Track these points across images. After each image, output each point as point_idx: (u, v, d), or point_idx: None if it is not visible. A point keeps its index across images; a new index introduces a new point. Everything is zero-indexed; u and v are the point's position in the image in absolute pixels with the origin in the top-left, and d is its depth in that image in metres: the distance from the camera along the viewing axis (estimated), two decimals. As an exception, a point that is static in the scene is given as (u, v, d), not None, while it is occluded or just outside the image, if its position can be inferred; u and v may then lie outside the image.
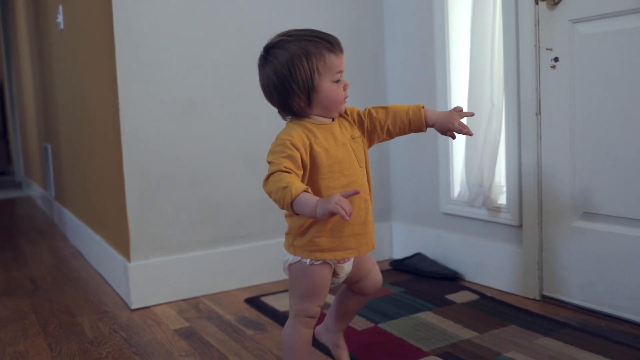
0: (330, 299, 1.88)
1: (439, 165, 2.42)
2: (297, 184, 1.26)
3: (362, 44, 2.60)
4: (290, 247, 1.44)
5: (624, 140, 1.80)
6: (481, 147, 2.16)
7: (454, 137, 1.51)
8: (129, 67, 2.16)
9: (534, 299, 2.09)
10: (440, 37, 2.37)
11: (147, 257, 2.22)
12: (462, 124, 1.47)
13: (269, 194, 1.31)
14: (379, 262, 2.22)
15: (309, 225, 1.39)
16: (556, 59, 1.96)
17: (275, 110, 2.40)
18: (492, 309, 2.01)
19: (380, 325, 1.90)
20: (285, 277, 2.43)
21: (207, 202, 2.32)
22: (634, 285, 1.81)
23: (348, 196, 1.24)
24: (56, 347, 1.89)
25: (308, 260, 1.41)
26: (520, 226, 2.12)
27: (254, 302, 2.20)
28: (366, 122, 1.49)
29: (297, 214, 1.29)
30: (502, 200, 2.21)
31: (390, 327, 1.87)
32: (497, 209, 2.21)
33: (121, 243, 2.31)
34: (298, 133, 1.37)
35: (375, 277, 1.58)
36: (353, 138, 1.45)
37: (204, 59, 2.28)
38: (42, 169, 4.58)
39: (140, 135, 2.19)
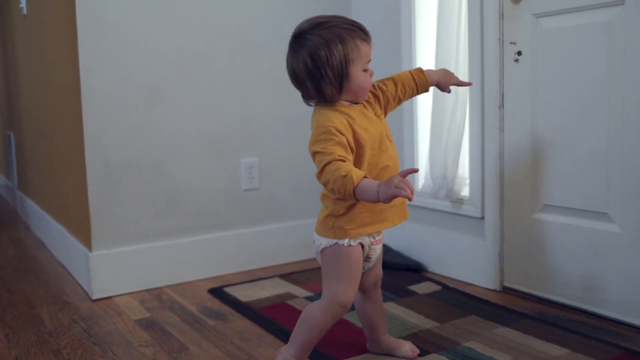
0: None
1: (404, 157, 2.43)
2: (356, 172, 1.28)
3: (330, 35, 2.59)
4: (330, 230, 1.44)
5: (583, 134, 1.83)
6: (445, 140, 2.18)
7: (449, 91, 1.64)
8: (92, 54, 2.12)
9: (495, 290, 2.12)
10: (406, 29, 2.38)
11: (108, 247, 2.20)
12: (460, 83, 1.62)
13: (326, 184, 1.33)
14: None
15: (354, 203, 1.40)
16: (519, 53, 1.98)
17: (239, 99, 2.41)
18: (454, 299, 2.03)
19: (343, 316, 1.90)
20: (250, 267, 2.45)
21: (170, 191, 2.30)
22: (590, 277, 1.84)
23: (406, 174, 1.26)
24: (13, 337, 1.86)
25: (346, 241, 1.42)
26: (483, 218, 2.15)
27: (217, 292, 2.19)
28: (381, 98, 1.52)
29: (358, 200, 1.33)
30: (466, 192, 2.23)
31: (352, 317, 1.88)
32: (460, 201, 2.23)
33: (82, 233, 2.28)
34: (338, 118, 1.38)
35: (379, 268, 1.59)
36: (377, 115, 1.48)
37: (168, 46, 2.26)
38: (5, 157, 4.49)
39: (103, 123, 2.16)
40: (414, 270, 2.35)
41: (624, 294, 1.76)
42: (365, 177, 1.28)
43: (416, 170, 1.32)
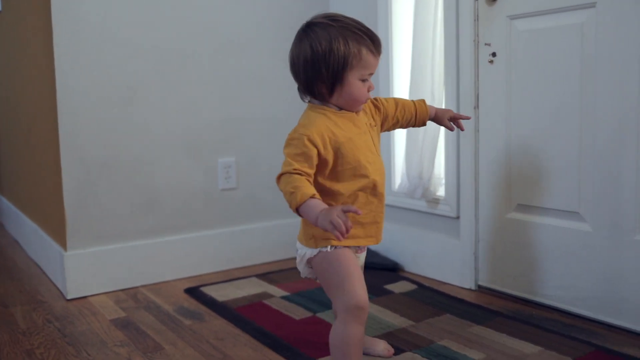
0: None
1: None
2: (304, 190, 1.24)
3: (308, 35, 2.59)
4: (311, 239, 1.39)
5: (556, 134, 1.85)
6: (421, 140, 2.19)
7: (452, 129, 1.60)
8: (68, 51, 2.11)
9: (470, 289, 2.13)
10: (383, 30, 2.39)
11: (84, 246, 2.18)
12: (449, 123, 1.59)
13: (281, 192, 1.30)
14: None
15: None
16: (494, 54, 2.00)
17: (218, 99, 2.40)
18: (429, 298, 2.04)
19: (318, 315, 1.91)
20: (228, 267, 2.45)
21: (147, 190, 2.29)
22: (563, 275, 1.87)
23: (348, 211, 1.20)
24: (-14, 337, 1.84)
25: (329, 247, 1.37)
26: (458, 218, 2.17)
27: (194, 292, 2.18)
28: (382, 110, 1.50)
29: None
30: (441, 192, 2.25)
31: (328, 316, 1.88)
32: (436, 201, 2.25)
33: (57, 231, 2.26)
34: (318, 127, 1.34)
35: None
36: (371, 126, 1.45)
37: (146, 45, 2.25)
38: (-20, 156, 4.42)
39: (79, 121, 2.14)
40: (390, 269, 2.37)
41: (596, 292, 1.79)
42: (313, 196, 1.23)
43: (358, 213, 1.21)
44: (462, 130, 1.62)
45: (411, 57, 2.22)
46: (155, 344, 1.76)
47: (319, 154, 1.32)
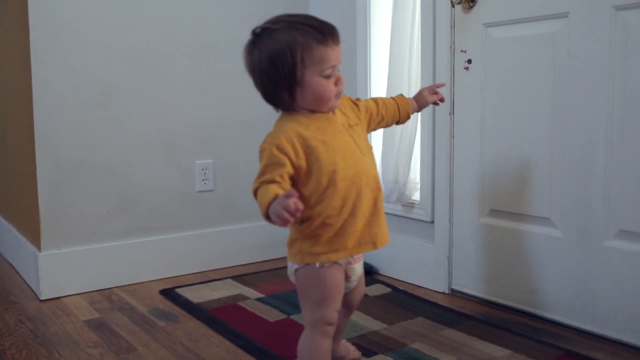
0: (243, 290, 1.87)
1: (358, 161, 2.46)
2: (267, 198, 1.19)
3: (287, 39, 2.61)
4: (297, 255, 1.32)
5: (528, 141, 1.88)
6: (397, 145, 2.21)
7: (442, 98, 1.59)
8: (43, 51, 2.10)
9: (444, 293, 2.16)
10: (362, 35, 2.41)
11: (58, 246, 2.17)
12: (433, 95, 1.57)
13: None
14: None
15: (317, 226, 1.29)
16: (469, 61, 2.03)
17: (195, 100, 2.41)
18: (403, 301, 2.06)
19: (292, 317, 1.92)
20: (204, 269, 2.45)
21: (123, 191, 2.28)
22: (534, 280, 1.90)
23: (289, 196, 1.14)
24: (-44, 338, 1.82)
25: (318, 263, 1.30)
26: (433, 222, 2.19)
27: (169, 293, 2.18)
28: (362, 109, 1.43)
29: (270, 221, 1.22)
30: (417, 196, 2.27)
31: (302, 319, 1.89)
32: (411, 205, 2.27)
33: (31, 232, 2.25)
34: (286, 133, 1.26)
35: (363, 287, 1.52)
36: (350, 126, 1.36)
37: (123, 46, 2.24)
38: (-45, 154, 4.37)
39: (54, 121, 2.13)
40: (366, 272, 2.37)
41: (565, 297, 1.82)
42: (275, 198, 1.17)
43: (294, 195, 1.15)
44: (443, 101, 1.60)
45: (389, 62, 2.24)
46: (128, 345, 1.76)
47: (291, 162, 1.25)
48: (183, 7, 2.36)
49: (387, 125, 1.54)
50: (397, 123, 1.55)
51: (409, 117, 1.56)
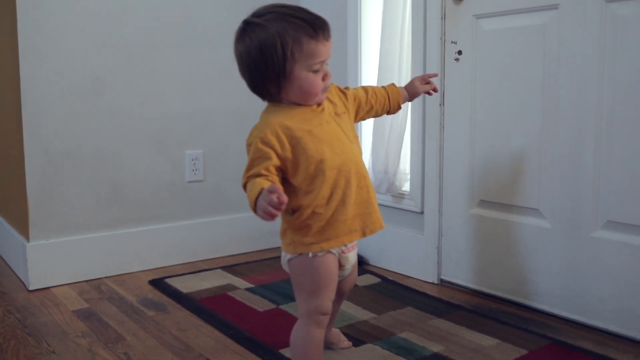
0: (233, 280, 1.87)
1: (349, 152, 2.46)
2: (253, 192, 1.19)
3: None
4: (290, 245, 1.32)
5: (518, 132, 1.89)
6: (387, 136, 2.22)
7: (435, 88, 1.58)
8: (32, 41, 2.08)
9: (433, 283, 2.17)
10: (353, 27, 2.41)
11: (47, 236, 2.16)
12: (425, 85, 1.56)
13: None
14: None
15: (308, 216, 1.29)
16: (460, 52, 2.03)
17: (185, 91, 2.40)
18: (392, 292, 2.07)
19: (282, 307, 1.92)
20: (193, 259, 2.45)
21: (113, 182, 2.27)
22: (522, 270, 1.91)
23: (275, 192, 1.14)
24: (-56, 327, 1.81)
25: (310, 252, 1.30)
26: (422, 212, 2.19)
27: (158, 283, 2.18)
28: (350, 98, 1.42)
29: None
30: (407, 187, 2.27)
31: (291, 308, 1.90)
32: (401, 196, 2.27)
33: (20, 222, 2.24)
34: (271, 125, 1.26)
35: (355, 275, 1.52)
36: (337, 114, 1.35)
37: (113, 36, 2.23)
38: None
39: (43, 112, 2.12)
40: (355, 263, 2.38)
41: (553, 288, 1.83)
42: (261, 191, 1.18)
43: (277, 191, 1.14)
44: (436, 91, 1.58)
45: (379, 54, 2.24)
46: (117, 334, 1.75)
47: (277, 154, 1.26)
48: (173, -4, 2.34)
49: (376, 115, 1.53)
50: (388, 113, 1.55)
51: (399, 107, 1.55)
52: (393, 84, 1.55)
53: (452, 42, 2.05)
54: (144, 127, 2.32)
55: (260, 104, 1.37)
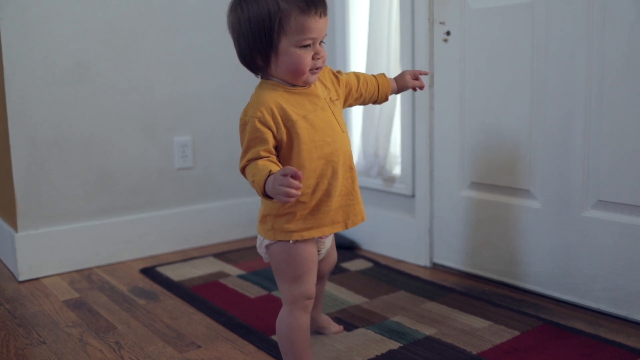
0: (223, 267, 1.86)
1: (339, 136, 2.44)
2: (261, 174, 1.17)
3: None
4: (270, 231, 1.30)
5: (508, 112, 1.88)
6: (377, 118, 2.20)
7: (421, 85, 1.53)
8: (14, 27, 2.04)
9: (425, 266, 2.16)
10: (340, 8, 2.38)
11: (36, 226, 2.14)
12: (415, 81, 1.52)
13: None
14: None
15: (292, 204, 1.27)
16: (448, 33, 2.01)
17: (173, 76, 2.38)
18: (384, 276, 2.06)
19: (273, 293, 1.92)
20: (185, 247, 2.43)
21: (101, 170, 2.25)
22: (514, 252, 1.91)
23: (286, 175, 1.12)
24: None
25: (290, 240, 1.29)
26: (413, 196, 2.19)
27: (149, 272, 2.16)
28: (342, 84, 1.39)
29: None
30: (397, 170, 2.26)
31: (283, 294, 1.89)
32: (391, 179, 2.26)
33: (8, 212, 2.21)
34: (267, 104, 1.24)
35: (334, 257, 1.52)
36: (332, 100, 1.33)
37: (98, 21, 2.19)
38: None
39: (28, 100, 2.09)
40: (347, 248, 2.38)
41: (545, 268, 1.83)
42: (269, 174, 1.16)
43: (298, 174, 1.13)
44: (422, 89, 1.54)
45: (367, 35, 2.22)
46: (108, 324, 1.74)
47: (274, 135, 1.24)
48: (158, -19, 2.31)
49: (363, 104, 1.50)
50: (375, 103, 1.52)
51: (387, 99, 1.53)
52: (384, 74, 1.51)
53: (440, 22, 2.03)
54: (132, 113, 2.30)
55: (249, 87, 1.35)
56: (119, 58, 2.25)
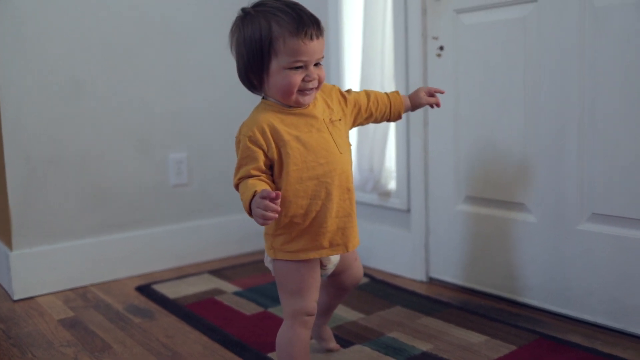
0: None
1: (334, 151, 2.44)
2: (247, 194, 1.19)
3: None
4: (270, 249, 1.33)
5: (502, 126, 1.88)
6: (372, 133, 2.20)
7: (437, 102, 1.53)
8: (10, 44, 2.05)
9: (421, 281, 2.16)
10: (334, 24, 2.39)
11: (30, 245, 2.13)
12: (430, 98, 1.51)
13: None
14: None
15: (286, 225, 1.29)
16: (442, 48, 2.02)
17: (168, 92, 2.38)
18: (380, 291, 2.06)
19: (270, 310, 1.91)
20: (180, 264, 2.42)
21: (96, 187, 2.25)
22: (510, 265, 1.90)
23: (264, 197, 1.15)
24: None
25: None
26: (409, 210, 2.18)
27: (145, 289, 2.15)
28: (350, 103, 1.40)
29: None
30: (392, 185, 2.26)
31: (279, 311, 1.88)
32: (387, 194, 2.26)
33: (2, 231, 2.20)
34: (259, 124, 1.26)
35: (356, 272, 1.50)
36: (332, 121, 1.33)
37: (93, 39, 2.20)
38: None
39: (23, 117, 2.09)
40: (343, 263, 2.37)
41: (541, 282, 1.83)
42: (254, 194, 1.18)
43: (272, 195, 1.15)
44: (439, 106, 1.53)
45: (361, 50, 2.23)
46: (103, 343, 1.73)
47: (265, 153, 1.26)
48: (152, -2, 2.32)
49: (375, 122, 1.50)
50: (388, 120, 1.52)
51: (400, 117, 1.52)
52: (397, 92, 1.50)
53: (433, 37, 2.04)
54: (127, 130, 2.30)
55: (244, 104, 1.36)
56: (114, 75, 2.26)
